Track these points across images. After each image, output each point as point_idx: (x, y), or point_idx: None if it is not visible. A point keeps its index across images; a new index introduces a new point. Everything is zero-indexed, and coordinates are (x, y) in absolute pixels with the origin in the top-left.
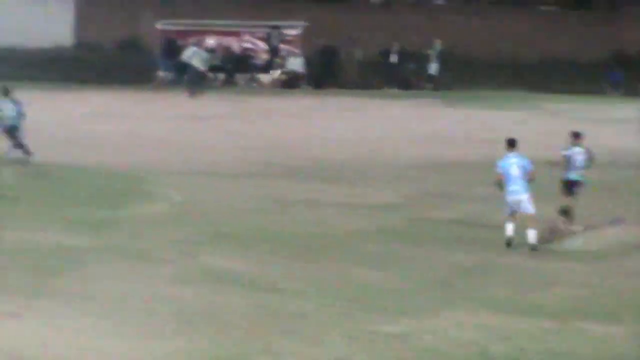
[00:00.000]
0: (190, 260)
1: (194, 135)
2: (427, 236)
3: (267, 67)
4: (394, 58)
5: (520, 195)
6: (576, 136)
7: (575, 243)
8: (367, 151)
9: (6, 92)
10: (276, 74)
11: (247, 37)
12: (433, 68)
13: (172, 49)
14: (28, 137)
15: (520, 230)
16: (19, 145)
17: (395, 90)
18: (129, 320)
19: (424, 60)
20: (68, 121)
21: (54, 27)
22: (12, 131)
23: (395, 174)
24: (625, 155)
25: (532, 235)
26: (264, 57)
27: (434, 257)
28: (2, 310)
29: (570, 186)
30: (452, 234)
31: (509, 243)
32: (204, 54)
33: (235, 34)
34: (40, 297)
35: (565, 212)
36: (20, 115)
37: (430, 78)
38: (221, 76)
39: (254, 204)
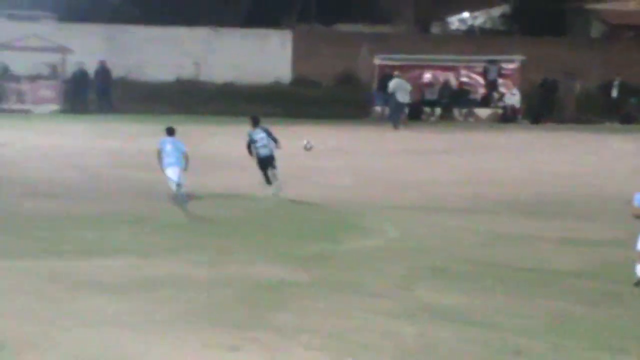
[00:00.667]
0: (406, 295)
1: (410, 169)
2: None
3: (484, 102)
4: (614, 92)
5: None
6: None
7: None
8: (587, 186)
9: (257, 122)
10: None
11: (464, 72)
12: None
13: (388, 83)
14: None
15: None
16: (274, 177)
17: (616, 125)
18: (347, 354)
19: None
20: (288, 155)
21: (273, 63)
22: (270, 161)
23: (617, 209)
24: None
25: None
26: (482, 91)
27: None
28: (222, 342)
29: None
30: None
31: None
32: (407, 86)
33: (453, 69)
34: (258, 330)
35: None
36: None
37: None
38: (438, 111)
39: (471, 238)
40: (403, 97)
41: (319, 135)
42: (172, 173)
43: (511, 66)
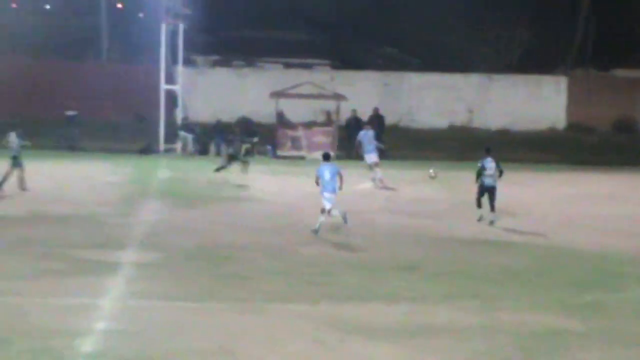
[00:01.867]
0: None
1: None
2: None
3: None
4: None
5: None
6: None
7: None
8: None
9: (489, 151)
10: None
11: None
12: None
13: None
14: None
15: None
16: (492, 207)
17: None
18: None
19: None
20: (558, 202)
21: (548, 109)
22: (492, 191)
23: None
24: None
25: None
26: None
27: None
28: None
29: None
30: None
31: None
32: None
33: None
34: None
35: None
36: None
37: None
38: None
39: None
40: None
41: (593, 181)
42: (329, 200)
43: None
